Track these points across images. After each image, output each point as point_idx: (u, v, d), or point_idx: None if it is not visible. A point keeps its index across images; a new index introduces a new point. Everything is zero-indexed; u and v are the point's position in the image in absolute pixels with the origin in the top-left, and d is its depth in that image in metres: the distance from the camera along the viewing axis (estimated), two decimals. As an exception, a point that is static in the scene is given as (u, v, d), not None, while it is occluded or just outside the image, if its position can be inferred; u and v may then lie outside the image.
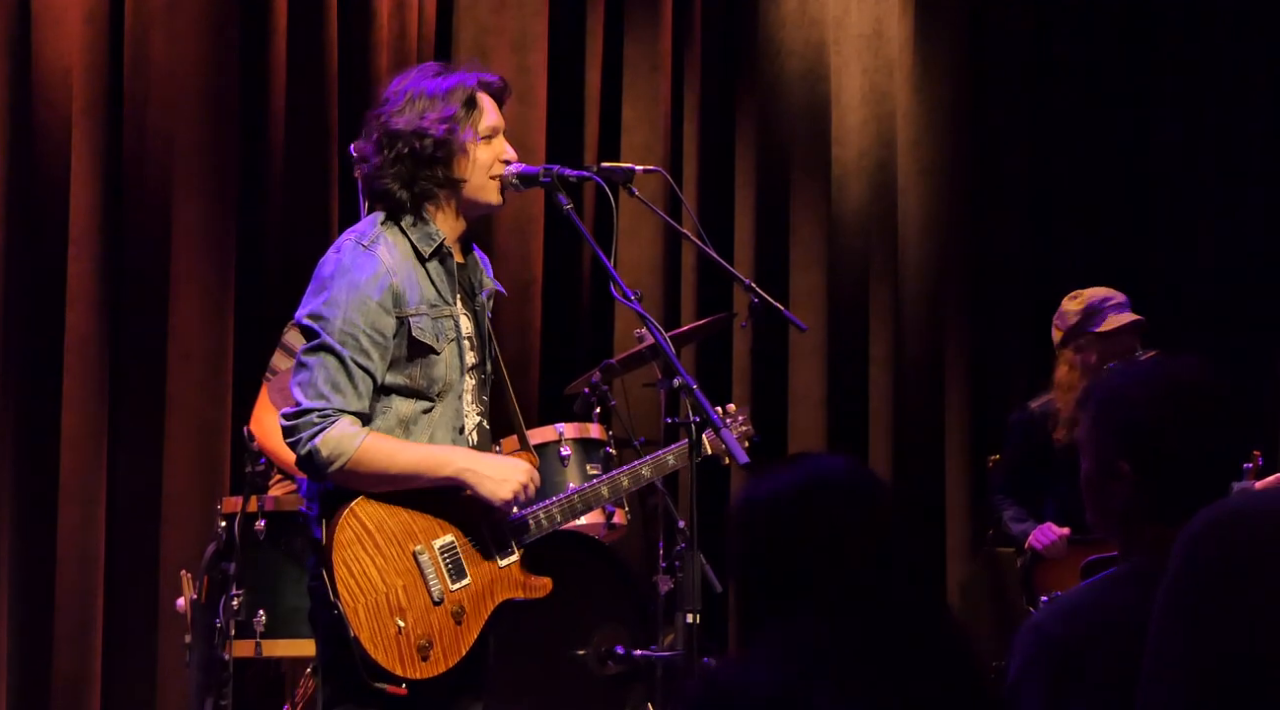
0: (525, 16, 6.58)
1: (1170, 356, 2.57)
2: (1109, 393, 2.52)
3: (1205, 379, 2.50)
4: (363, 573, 3.35)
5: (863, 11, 7.31)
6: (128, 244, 5.85)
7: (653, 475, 4.00)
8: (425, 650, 3.36)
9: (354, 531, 3.36)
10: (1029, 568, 5.18)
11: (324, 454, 3.33)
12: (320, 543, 3.37)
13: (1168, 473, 2.45)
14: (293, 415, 3.36)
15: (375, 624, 3.33)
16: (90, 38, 5.78)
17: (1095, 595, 2.44)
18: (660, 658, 4.79)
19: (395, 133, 3.56)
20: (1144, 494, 2.45)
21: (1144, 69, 7.64)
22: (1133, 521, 2.47)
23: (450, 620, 3.41)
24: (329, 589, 3.32)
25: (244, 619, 4.61)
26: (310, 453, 3.34)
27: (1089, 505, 2.54)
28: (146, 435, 5.79)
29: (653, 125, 6.84)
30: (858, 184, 7.26)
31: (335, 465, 3.34)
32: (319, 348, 3.40)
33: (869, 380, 7.18)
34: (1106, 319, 5.25)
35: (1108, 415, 2.49)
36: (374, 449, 3.36)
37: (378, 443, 3.37)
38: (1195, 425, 2.46)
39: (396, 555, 3.39)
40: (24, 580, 5.59)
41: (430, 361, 3.47)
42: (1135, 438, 2.45)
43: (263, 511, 4.68)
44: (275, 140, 6.06)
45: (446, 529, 3.46)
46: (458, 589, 3.43)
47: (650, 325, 3.52)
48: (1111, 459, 2.47)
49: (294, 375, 3.42)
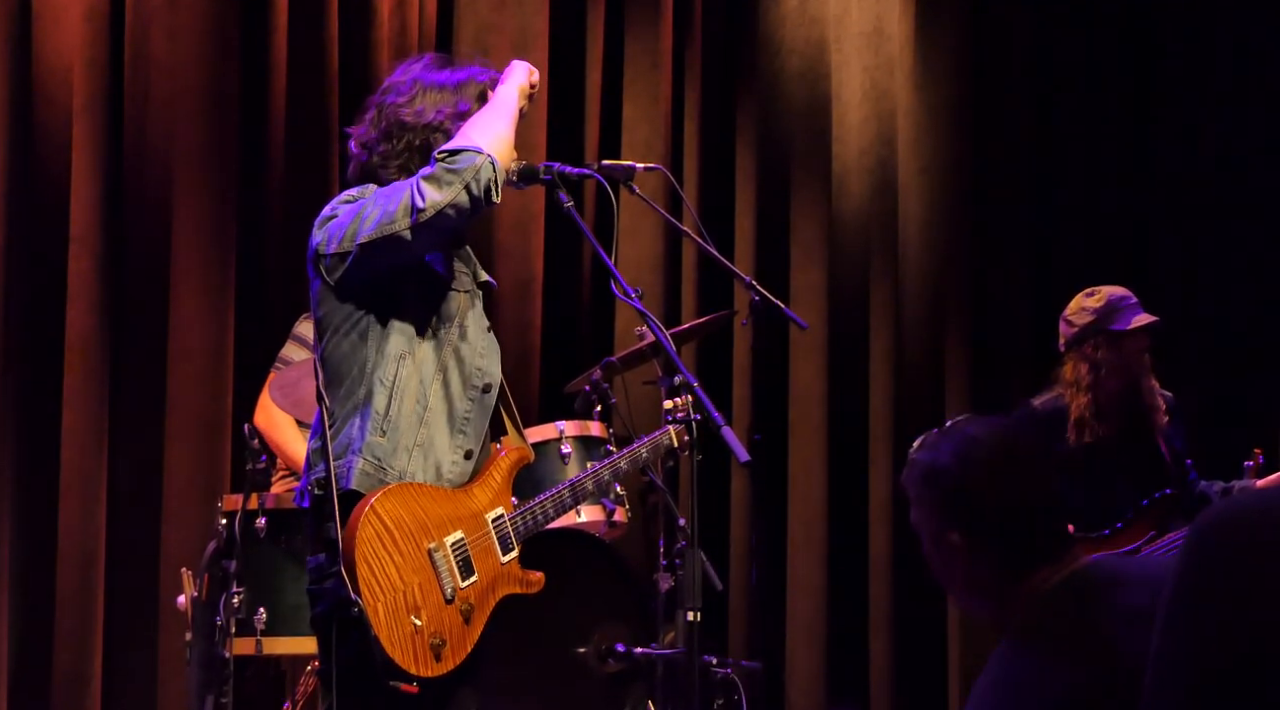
0: (526, 14, 6.58)
1: (970, 419, 2.60)
2: (921, 472, 2.56)
3: (1006, 434, 2.56)
4: (383, 571, 3.33)
5: (863, 9, 7.31)
6: (128, 241, 5.85)
7: (630, 468, 4.04)
8: (439, 649, 3.36)
9: (375, 529, 3.34)
10: (1030, 566, 5.16)
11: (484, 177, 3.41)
12: (334, 541, 3.36)
13: (996, 532, 2.49)
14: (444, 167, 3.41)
15: (394, 623, 3.32)
16: (90, 35, 5.77)
17: (995, 673, 2.43)
18: (661, 656, 4.79)
19: (405, 124, 3.56)
20: (982, 559, 2.49)
21: (1144, 67, 7.64)
22: (990, 587, 2.50)
23: (460, 618, 3.41)
24: (349, 587, 3.29)
25: (244, 617, 4.60)
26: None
27: (946, 587, 2.58)
28: (147, 432, 5.79)
29: (653, 123, 6.84)
30: (858, 182, 7.26)
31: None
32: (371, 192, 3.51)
33: (869, 378, 7.18)
34: (1125, 318, 5.17)
35: (927, 493, 2.55)
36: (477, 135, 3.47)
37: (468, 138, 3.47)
38: (1007, 481, 2.52)
39: (413, 552, 3.38)
40: (24, 577, 5.59)
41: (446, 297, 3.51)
42: (955, 507, 2.50)
43: (263, 509, 4.67)
44: (276, 138, 6.06)
45: (457, 525, 3.45)
46: (467, 586, 3.43)
47: (651, 323, 3.51)
48: (942, 533, 2.52)
49: (375, 204, 3.45)
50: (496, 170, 3.41)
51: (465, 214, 3.40)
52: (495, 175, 3.41)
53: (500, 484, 3.56)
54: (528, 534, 3.57)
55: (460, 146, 3.42)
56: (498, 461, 3.58)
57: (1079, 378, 5.19)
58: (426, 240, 3.41)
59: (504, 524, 3.53)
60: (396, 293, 3.48)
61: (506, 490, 3.57)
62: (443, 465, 3.48)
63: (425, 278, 3.50)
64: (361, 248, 3.42)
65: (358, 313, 3.49)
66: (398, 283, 3.48)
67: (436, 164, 3.41)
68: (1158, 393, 5.22)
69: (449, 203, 3.37)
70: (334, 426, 3.47)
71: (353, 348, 3.48)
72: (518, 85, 3.59)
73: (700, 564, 3.48)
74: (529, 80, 3.63)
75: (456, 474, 3.50)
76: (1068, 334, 5.26)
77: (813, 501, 7.02)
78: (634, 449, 4.04)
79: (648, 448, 4.07)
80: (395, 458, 3.43)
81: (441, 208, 3.36)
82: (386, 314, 3.48)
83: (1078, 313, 5.23)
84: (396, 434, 3.43)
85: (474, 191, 3.37)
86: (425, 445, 3.46)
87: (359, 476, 3.40)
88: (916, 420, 7.19)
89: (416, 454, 3.45)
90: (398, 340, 3.46)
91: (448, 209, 3.37)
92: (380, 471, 3.41)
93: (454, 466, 3.50)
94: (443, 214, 3.37)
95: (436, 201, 3.36)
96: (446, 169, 3.39)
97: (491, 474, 3.55)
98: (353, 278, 3.47)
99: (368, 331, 3.48)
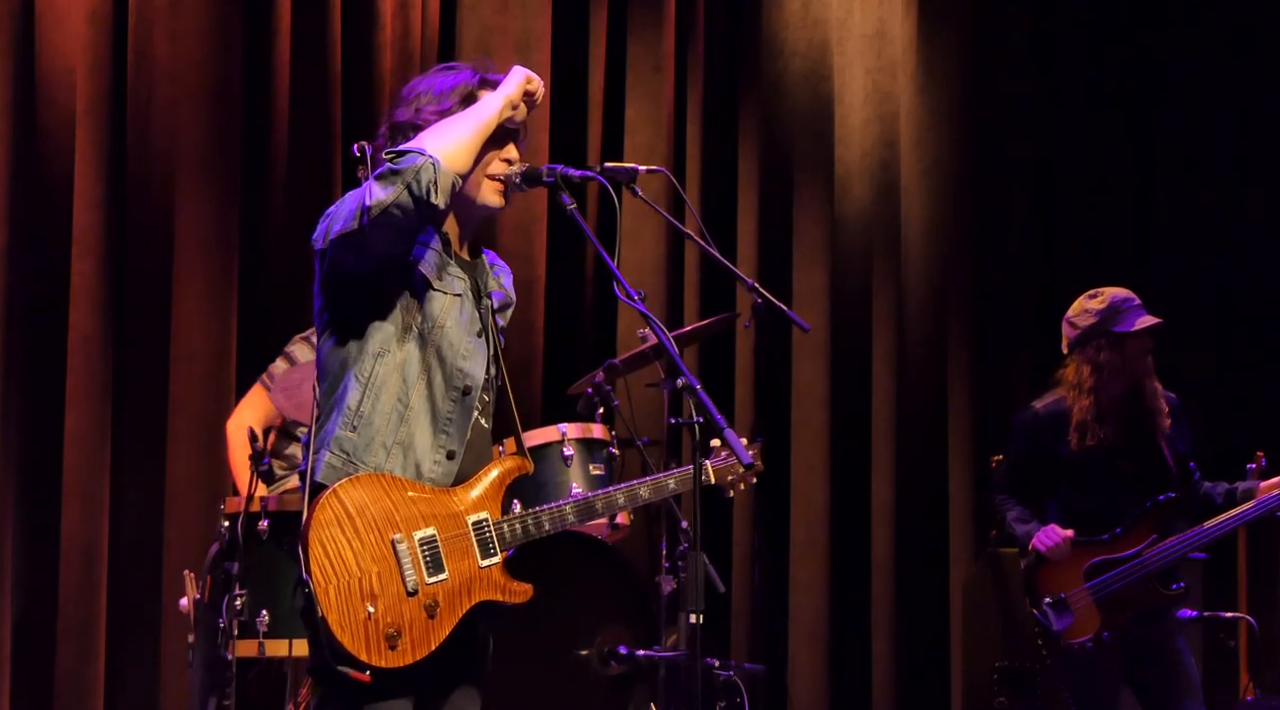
0: (529, 16, 6.59)
1: None
2: None
3: None
4: (338, 554, 3.34)
5: (866, 12, 7.31)
6: (131, 243, 5.86)
7: (651, 497, 3.87)
8: (394, 639, 3.35)
9: (334, 512, 3.36)
10: (1032, 569, 5.16)
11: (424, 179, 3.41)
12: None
13: None
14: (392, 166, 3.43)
15: (345, 606, 3.32)
16: (93, 37, 5.78)
17: None
18: (663, 658, 4.79)
19: (394, 126, 3.59)
20: None
21: (1147, 69, 7.64)
22: None
23: (423, 612, 3.40)
24: (302, 567, 3.31)
25: (247, 619, 4.61)
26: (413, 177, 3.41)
27: None
28: (150, 434, 5.80)
29: (656, 125, 6.85)
30: (860, 184, 7.26)
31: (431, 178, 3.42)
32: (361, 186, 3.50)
33: (872, 379, 7.18)
34: (1130, 320, 5.16)
35: None
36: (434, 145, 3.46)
37: (430, 140, 3.48)
38: None
39: (375, 542, 3.38)
40: (27, 579, 5.60)
41: (428, 296, 3.50)
42: None
43: (266, 511, 4.68)
44: (278, 140, 6.06)
45: (430, 522, 3.45)
46: (433, 582, 3.43)
47: (654, 325, 3.51)
48: None
49: (350, 200, 3.46)
50: (438, 172, 3.42)
51: (411, 214, 3.41)
52: (436, 177, 3.41)
53: (489, 489, 3.55)
54: (515, 542, 3.56)
55: (407, 147, 3.46)
56: (490, 467, 3.57)
57: (1082, 380, 5.18)
58: (380, 238, 3.42)
59: (486, 529, 3.52)
60: (378, 291, 3.50)
61: (496, 496, 3.56)
62: (423, 464, 3.49)
63: (406, 277, 3.51)
64: (333, 244, 3.45)
65: (342, 309, 3.52)
66: (379, 281, 3.49)
67: (385, 164, 3.44)
68: (1160, 395, 5.22)
69: (392, 202, 3.39)
70: (318, 420, 3.51)
71: (336, 344, 3.52)
72: (504, 94, 3.58)
73: (702, 566, 3.48)
74: (522, 88, 3.61)
75: (439, 474, 3.50)
76: (1070, 336, 5.25)
77: (815, 503, 7.02)
78: (659, 479, 3.88)
79: (676, 481, 3.93)
80: (369, 453, 3.44)
81: (386, 206, 3.39)
82: (368, 312, 3.50)
83: (1080, 314, 5.22)
84: (370, 430, 3.45)
85: (415, 192, 3.39)
86: (405, 443, 3.47)
87: (325, 469, 3.43)
88: (918, 422, 7.20)
89: (396, 451, 3.46)
90: (377, 338, 3.48)
91: (393, 208, 3.39)
92: (350, 465, 3.42)
93: (436, 466, 3.50)
94: (388, 213, 3.39)
95: (381, 200, 3.39)
96: (390, 169, 3.42)
97: (481, 479, 3.55)
98: (332, 275, 3.50)
99: (350, 329, 3.51)
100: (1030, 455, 5.26)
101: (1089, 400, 5.15)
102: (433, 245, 3.54)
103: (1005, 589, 5.65)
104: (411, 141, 3.48)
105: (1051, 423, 5.19)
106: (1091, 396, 5.15)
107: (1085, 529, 5.12)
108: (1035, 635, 5.11)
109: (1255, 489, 5.22)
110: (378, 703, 3.36)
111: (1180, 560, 5.14)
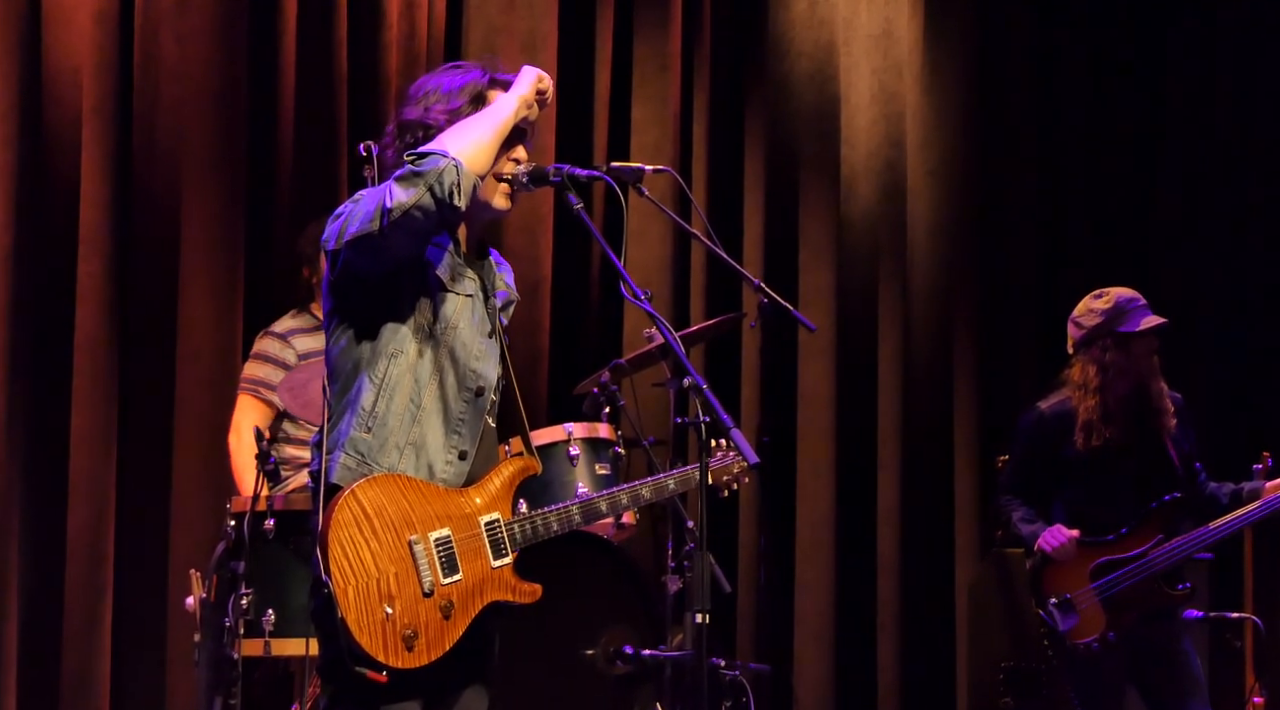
0: (535, 16, 6.59)
1: None
2: None
3: None
4: (356, 556, 3.34)
5: (872, 12, 7.31)
6: (137, 243, 5.86)
7: (653, 497, 3.90)
8: (410, 640, 3.35)
9: (353, 513, 3.36)
10: (1038, 570, 5.16)
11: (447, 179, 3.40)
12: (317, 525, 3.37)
13: None
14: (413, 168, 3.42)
15: (363, 607, 3.32)
16: (100, 37, 5.79)
17: None
18: (669, 658, 4.79)
19: (402, 125, 3.58)
20: None
21: (1153, 70, 7.64)
22: None
23: (438, 613, 3.41)
24: (321, 568, 3.31)
25: (253, 618, 4.61)
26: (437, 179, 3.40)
27: None
28: (156, 434, 5.80)
29: (662, 125, 6.85)
30: (867, 184, 7.26)
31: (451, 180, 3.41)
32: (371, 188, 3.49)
33: (878, 380, 7.18)
34: (1135, 320, 5.15)
35: None
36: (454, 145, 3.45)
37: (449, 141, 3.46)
38: None
39: (392, 542, 3.39)
40: (34, 578, 5.60)
41: (442, 298, 3.50)
42: None
43: (272, 511, 4.68)
44: (284, 140, 6.07)
45: (444, 523, 3.46)
46: (449, 583, 3.43)
47: (660, 325, 3.51)
48: None
49: (354, 205, 3.45)
50: (461, 174, 3.41)
51: (433, 216, 3.40)
52: (459, 179, 3.40)
53: (499, 490, 3.55)
54: (525, 543, 3.57)
55: (429, 149, 3.44)
56: (500, 468, 3.58)
57: (1087, 380, 5.17)
58: (399, 241, 3.41)
59: (499, 529, 3.53)
60: (392, 292, 3.50)
61: (506, 497, 3.56)
62: (435, 464, 3.49)
63: (421, 278, 3.51)
64: (347, 246, 3.44)
65: (354, 310, 3.51)
66: (393, 282, 3.49)
67: (406, 166, 3.43)
68: (1166, 395, 5.21)
69: (414, 204, 3.37)
70: (330, 420, 3.51)
71: (349, 345, 3.51)
72: (519, 94, 3.58)
73: (708, 566, 3.48)
74: (535, 88, 3.61)
75: (451, 474, 3.51)
76: (1076, 336, 5.24)
77: (821, 503, 7.01)
78: (660, 480, 3.92)
79: (676, 481, 3.96)
80: (384, 454, 3.44)
81: (407, 209, 3.37)
82: (382, 313, 3.50)
83: (1086, 314, 5.21)
84: (384, 431, 3.45)
85: (437, 194, 3.38)
86: (418, 444, 3.48)
87: (340, 471, 3.42)
88: (924, 422, 7.19)
89: (408, 452, 3.46)
90: (391, 339, 3.48)
91: (414, 210, 3.37)
92: (364, 467, 3.42)
93: (448, 466, 3.51)
94: (409, 215, 3.37)
95: (402, 202, 3.37)
96: (412, 171, 3.41)
97: (492, 479, 3.55)
98: (345, 276, 3.49)
99: (363, 329, 3.50)
100: (1036, 456, 5.25)
101: (1094, 400, 5.15)
102: (445, 246, 3.54)
103: (1011, 589, 5.65)
104: (431, 143, 3.47)
105: (1057, 423, 5.19)
106: (1097, 397, 5.15)
107: (1091, 529, 5.12)
108: (1041, 635, 5.11)
109: (1261, 489, 5.22)
110: (389, 703, 3.37)
111: (1186, 560, 5.13)
